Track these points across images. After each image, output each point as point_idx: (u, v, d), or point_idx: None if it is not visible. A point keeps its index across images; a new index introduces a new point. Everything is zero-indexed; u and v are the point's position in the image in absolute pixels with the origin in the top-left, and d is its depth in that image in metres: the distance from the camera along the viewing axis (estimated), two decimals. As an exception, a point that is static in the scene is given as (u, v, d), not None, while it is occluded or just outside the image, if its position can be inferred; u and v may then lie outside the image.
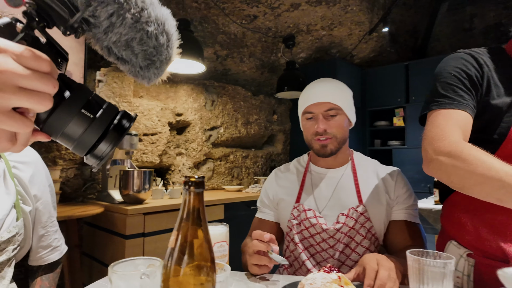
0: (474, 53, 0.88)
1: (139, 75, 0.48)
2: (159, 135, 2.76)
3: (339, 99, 1.04)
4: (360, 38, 3.66)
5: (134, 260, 0.53)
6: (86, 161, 0.42)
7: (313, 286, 0.65)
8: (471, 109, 0.82)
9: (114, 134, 0.41)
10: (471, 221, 0.85)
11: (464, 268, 0.86)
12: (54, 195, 0.99)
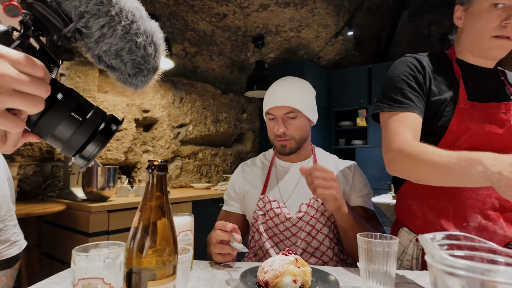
0: (419, 57, 1.00)
1: (127, 82, 0.51)
2: (125, 131, 2.71)
3: (299, 103, 1.08)
4: (326, 41, 3.79)
5: (97, 244, 0.54)
6: (74, 161, 0.45)
7: (272, 267, 0.69)
8: (419, 109, 0.93)
9: (102, 137, 0.44)
10: (420, 207, 0.95)
11: (414, 251, 0.95)
12: (13, 189, 0.97)
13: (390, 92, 0.97)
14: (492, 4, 0.87)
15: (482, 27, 0.90)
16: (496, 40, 0.89)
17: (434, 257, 0.33)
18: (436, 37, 4.98)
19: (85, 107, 0.43)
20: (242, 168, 1.24)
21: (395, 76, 0.98)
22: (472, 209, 0.87)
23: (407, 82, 0.95)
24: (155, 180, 0.47)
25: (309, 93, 1.14)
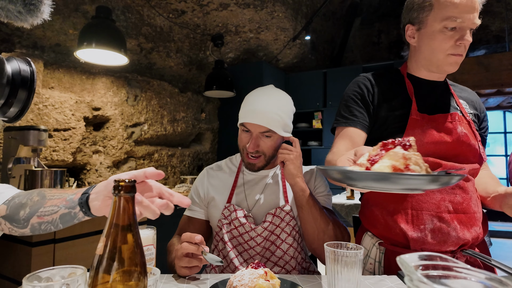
0: (371, 76, 1.11)
1: (16, 18, 0.47)
2: (73, 130, 2.51)
3: (277, 124, 1.04)
4: (284, 44, 3.86)
5: (51, 270, 0.49)
6: (7, 114, 0.42)
7: (241, 282, 0.68)
8: (362, 124, 1.04)
9: (23, 80, 0.44)
10: (380, 212, 1.00)
11: (376, 255, 0.99)
12: None
13: (340, 109, 1.10)
14: (445, 26, 0.93)
15: (437, 46, 0.96)
16: (452, 57, 0.96)
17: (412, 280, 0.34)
18: (384, 44, 5.31)
19: None
20: (208, 172, 1.20)
21: (346, 95, 1.11)
22: (428, 212, 0.93)
23: (354, 100, 1.07)
24: (122, 201, 0.43)
25: (288, 112, 1.09)
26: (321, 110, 4.08)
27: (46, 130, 2.01)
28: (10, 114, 0.45)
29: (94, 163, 2.71)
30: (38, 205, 0.71)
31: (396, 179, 0.53)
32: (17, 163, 1.94)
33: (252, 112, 1.05)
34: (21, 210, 0.72)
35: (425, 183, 0.54)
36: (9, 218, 0.73)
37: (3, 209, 0.74)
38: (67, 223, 0.69)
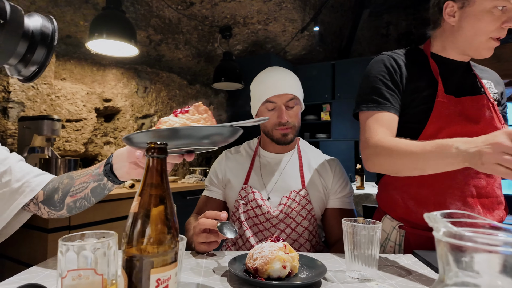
0: (395, 55, 1.03)
1: None
2: (85, 121, 2.55)
3: (297, 90, 1.10)
4: (293, 35, 3.84)
5: (83, 234, 0.50)
6: (23, 72, 0.42)
7: (262, 254, 0.69)
8: (395, 108, 0.96)
9: (43, 39, 0.42)
10: (401, 196, 0.99)
11: (396, 238, 1.00)
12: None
13: (367, 92, 1.00)
14: (495, 6, 0.87)
15: (482, 27, 0.89)
16: (492, 42, 0.91)
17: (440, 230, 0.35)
18: (393, 36, 5.25)
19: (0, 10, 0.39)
20: (226, 155, 1.23)
21: (371, 76, 1.01)
22: (453, 196, 0.92)
23: (383, 82, 0.98)
24: (155, 163, 0.44)
25: (299, 81, 1.16)
26: (329, 102, 4.07)
27: (59, 120, 2.04)
28: (25, 73, 0.45)
29: (106, 154, 2.75)
30: (69, 186, 0.76)
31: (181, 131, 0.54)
32: (31, 152, 1.97)
33: (273, 85, 1.09)
34: (55, 194, 0.77)
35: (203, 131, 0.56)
36: (46, 202, 0.77)
37: (41, 194, 0.78)
38: (99, 196, 0.74)
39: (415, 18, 4.72)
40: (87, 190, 0.74)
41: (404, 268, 0.79)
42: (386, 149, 0.86)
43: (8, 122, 2.10)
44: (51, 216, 0.80)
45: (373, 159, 0.91)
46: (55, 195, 0.78)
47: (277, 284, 0.66)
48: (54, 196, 0.78)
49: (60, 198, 0.77)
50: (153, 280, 0.40)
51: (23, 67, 0.43)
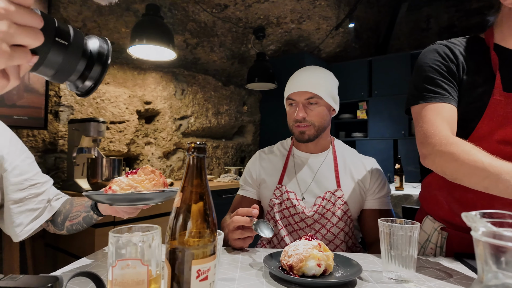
0: (450, 44, 0.93)
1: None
2: (127, 123, 2.69)
3: (320, 89, 1.08)
4: (327, 33, 3.79)
5: (131, 227, 0.55)
6: (81, 87, 0.47)
7: (296, 251, 0.70)
8: (455, 100, 0.88)
9: (100, 57, 0.47)
10: (445, 198, 0.94)
11: (438, 240, 0.96)
12: (28, 155, 0.95)
13: (422, 82, 0.90)
14: None
15: None
16: None
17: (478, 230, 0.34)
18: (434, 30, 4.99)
19: (65, 30, 0.44)
20: (260, 155, 1.25)
21: (426, 66, 0.91)
22: (502, 201, 0.86)
23: (439, 72, 0.89)
24: (195, 161, 0.47)
25: (331, 81, 1.13)
26: (366, 100, 3.97)
27: (104, 122, 2.17)
28: (82, 88, 0.50)
29: (146, 154, 2.89)
30: (68, 212, 0.94)
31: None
32: (80, 153, 2.12)
33: (294, 83, 1.10)
34: (59, 217, 0.95)
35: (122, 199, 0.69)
36: (52, 222, 0.96)
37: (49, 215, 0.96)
38: (89, 223, 0.92)
39: (458, 10, 4.46)
40: (80, 218, 0.91)
41: (445, 271, 0.76)
42: (451, 153, 0.78)
43: (59, 124, 2.28)
44: (55, 232, 0.98)
45: (434, 158, 0.82)
46: (58, 218, 0.96)
47: (312, 282, 0.66)
48: (58, 218, 0.96)
49: (62, 220, 0.95)
50: (194, 271, 0.43)
51: (81, 83, 0.48)
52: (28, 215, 0.90)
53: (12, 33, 0.34)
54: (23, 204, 0.89)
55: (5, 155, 0.86)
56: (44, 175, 0.98)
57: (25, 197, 0.89)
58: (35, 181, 0.92)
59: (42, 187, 0.94)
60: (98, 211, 0.87)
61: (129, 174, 0.73)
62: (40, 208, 0.92)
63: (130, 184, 0.71)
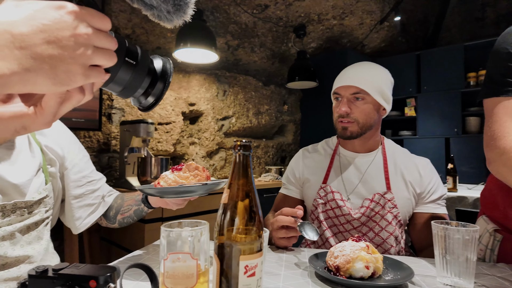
0: None
1: (165, 18, 0.55)
2: (173, 124, 2.81)
3: (367, 84, 1.02)
4: (371, 28, 3.65)
5: (180, 222, 0.57)
6: (144, 102, 0.51)
7: (343, 252, 0.68)
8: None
9: (163, 75, 0.50)
10: (502, 200, 0.87)
11: (489, 242, 0.88)
12: (85, 154, 1.03)
13: (497, 72, 0.78)
14: None
15: None
16: None
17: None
18: (491, 19, 4.59)
19: (133, 50, 0.47)
20: (303, 153, 1.22)
21: (504, 53, 0.77)
22: None
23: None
24: (241, 159, 0.48)
25: (383, 78, 1.06)
26: (414, 96, 3.76)
27: (152, 123, 2.29)
28: (145, 104, 0.54)
29: (191, 153, 2.99)
30: (120, 206, 1.00)
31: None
32: (131, 152, 2.26)
33: (341, 77, 1.07)
34: (111, 211, 1.02)
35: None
36: (105, 216, 1.03)
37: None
38: (140, 216, 0.97)
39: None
40: (131, 211, 0.97)
41: (509, 279, 0.70)
42: None
43: (112, 126, 2.44)
44: (107, 226, 1.05)
45: (498, 168, 0.75)
46: (110, 212, 1.02)
47: (360, 284, 0.64)
48: (110, 212, 1.02)
49: (114, 214, 1.01)
50: (242, 266, 0.44)
51: (144, 99, 0.52)
52: (85, 209, 0.97)
53: (91, 56, 0.37)
54: (81, 199, 0.96)
55: (66, 154, 0.93)
56: (98, 173, 1.05)
57: (83, 193, 0.96)
58: (91, 178, 0.99)
59: (97, 184, 1.01)
60: (148, 204, 0.92)
61: (175, 170, 0.77)
62: (96, 203, 0.99)
63: (176, 181, 0.75)
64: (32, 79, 0.35)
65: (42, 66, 0.35)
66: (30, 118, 0.39)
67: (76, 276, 0.48)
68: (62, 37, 0.35)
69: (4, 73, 0.33)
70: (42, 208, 0.82)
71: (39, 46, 0.34)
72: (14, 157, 0.78)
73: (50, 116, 0.40)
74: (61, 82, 0.37)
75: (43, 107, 0.39)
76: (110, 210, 1.02)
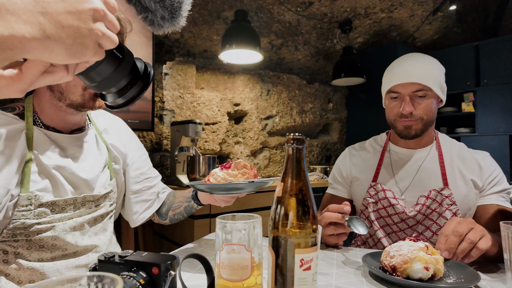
0: None
1: (157, 24, 0.55)
2: (219, 124, 2.88)
3: (429, 79, 0.96)
4: (423, 19, 3.44)
5: (234, 215, 0.58)
6: (112, 101, 0.50)
7: (400, 252, 0.65)
8: None
9: (144, 80, 0.49)
10: None
11: None
12: (144, 152, 1.09)
13: None
14: None
15: None
16: None
17: None
18: None
19: (121, 44, 0.45)
20: (350, 151, 1.19)
21: None
22: None
23: None
24: (294, 152, 0.48)
25: (439, 69, 1.02)
26: (472, 90, 3.47)
27: (200, 123, 2.37)
28: (114, 102, 0.52)
29: (236, 152, 3.05)
30: (171, 203, 1.03)
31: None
32: (180, 151, 2.36)
33: (398, 73, 1.00)
34: (163, 208, 1.05)
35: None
36: (158, 213, 1.06)
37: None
38: (190, 212, 1.00)
39: None
40: (181, 208, 1.00)
41: None
42: None
43: (163, 126, 2.57)
44: (159, 222, 1.09)
45: None
46: (163, 208, 1.05)
47: (419, 285, 0.61)
48: (162, 209, 1.05)
49: (166, 211, 1.04)
50: (297, 259, 0.44)
51: (116, 98, 0.51)
52: (142, 205, 1.02)
53: (102, 34, 0.38)
54: (139, 195, 1.02)
55: (128, 151, 1.00)
56: (155, 170, 1.11)
57: (140, 189, 1.02)
58: (148, 175, 1.05)
59: (153, 181, 1.06)
60: (198, 201, 0.95)
61: (223, 168, 0.80)
62: (151, 200, 1.04)
63: (225, 178, 0.78)
64: (50, 47, 0.35)
65: (61, 35, 0.35)
66: (5, 80, 0.36)
67: (140, 263, 0.51)
68: (82, 10, 0.36)
69: (24, 37, 0.33)
70: (107, 202, 0.89)
71: (60, 15, 0.34)
72: (84, 155, 0.85)
73: (26, 84, 0.38)
74: (74, 54, 0.36)
75: (23, 72, 0.37)
76: (163, 206, 1.06)
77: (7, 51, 0.33)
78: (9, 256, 0.72)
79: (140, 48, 2.39)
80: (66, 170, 0.78)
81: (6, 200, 0.69)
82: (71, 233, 0.78)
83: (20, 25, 0.33)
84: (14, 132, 0.72)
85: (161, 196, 1.07)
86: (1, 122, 0.72)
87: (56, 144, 0.79)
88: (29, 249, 0.72)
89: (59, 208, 0.76)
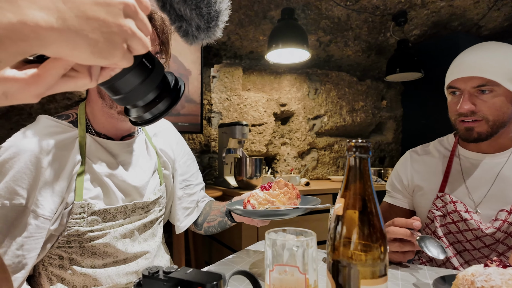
0: None
1: (191, 35, 0.51)
2: (265, 125, 2.84)
3: (495, 72, 0.82)
4: (490, 5, 3.08)
5: (285, 229, 0.53)
6: (135, 116, 0.45)
7: (490, 283, 0.54)
8: None
9: (175, 94, 0.44)
10: None
11: None
12: (189, 157, 1.07)
13: None
14: None
15: None
16: None
17: None
18: None
19: (151, 54, 0.40)
20: (411, 156, 1.06)
21: None
22: None
23: None
24: (356, 162, 0.41)
25: (509, 61, 0.85)
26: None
27: (247, 125, 2.35)
28: (140, 118, 0.48)
29: (283, 154, 2.99)
30: (207, 215, 1.01)
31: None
32: (228, 153, 2.36)
33: (458, 66, 0.87)
34: (200, 218, 1.03)
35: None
36: (194, 223, 1.04)
37: None
38: (223, 227, 0.96)
39: None
40: (215, 222, 0.97)
41: None
42: None
43: (211, 128, 2.59)
44: (194, 231, 1.06)
45: None
46: (199, 218, 1.03)
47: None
48: (199, 218, 1.03)
49: (201, 221, 1.02)
50: (363, 292, 0.37)
51: (142, 112, 0.46)
52: (183, 212, 1.01)
53: (133, 33, 0.33)
54: (180, 201, 1.01)
55: (176, 156, 0.99)
56: (199, 176, 1.08)
57: (182, 196, 1.01)
58: (189, 182, 1.03)
59: (194, 188, 1.04)
60: (232, 218, 0.91)
61: (264, 189, 0.77)
62: (191, 208, 1.02)
63: (266, 199, 0.74)
64: (72, 40, 0.29)
65: (84, 27, 0.29)
66: (20, 83, 0.31)
67: (185, 282, 0.47)
68: (112, 2, 0.30)
69: (38, 24, 0.27)
70: (156, 207, 0.89)
71: (85, 4, 0.29)
72: (134, 161, 0.85)
73: (43, 88, 0.32)
74: (101, 52, 0.31)
75: (41, 74, 0.32)
76: (200, 216, 1.04)
77: (19, 43, 0.27)
78: (64, 261, 0.73)
79: (189, 53, 2.44)
80: (117, 178, 0.79)
81: (61, 208, 0.70)
82: (121, 240, 0.78)
83: (34, 11, 0.27)
84: (68, 140, 0.74)
85: (200, 205, 1.05)
86: (57, 131, 0.74)
87: (107, 151, 0.80)
88: (82, 255, 0.74)
89: (110, 215, 0.76)
